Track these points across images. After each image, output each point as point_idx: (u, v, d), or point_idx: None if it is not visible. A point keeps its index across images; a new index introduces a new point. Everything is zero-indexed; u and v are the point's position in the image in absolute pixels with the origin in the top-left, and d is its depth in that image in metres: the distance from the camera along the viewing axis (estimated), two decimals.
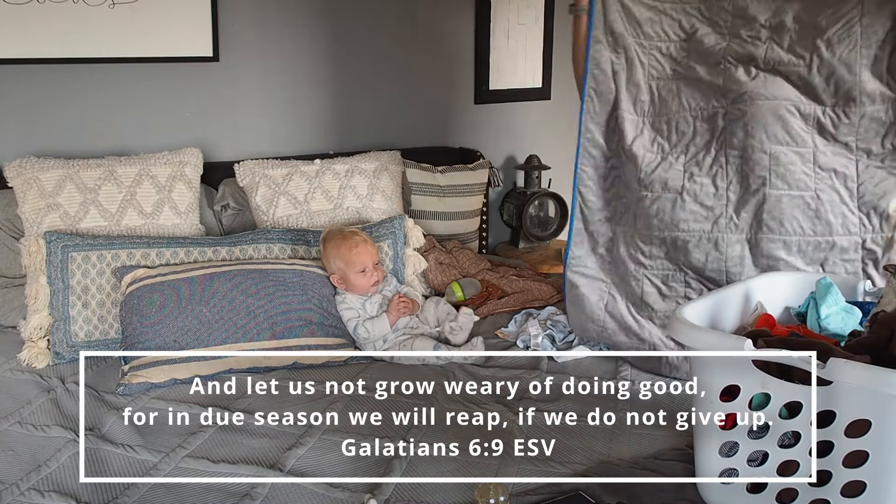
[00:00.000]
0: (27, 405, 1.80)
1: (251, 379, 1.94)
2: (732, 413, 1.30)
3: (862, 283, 1.56)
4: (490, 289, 2.47)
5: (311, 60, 2.94)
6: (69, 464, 1.56)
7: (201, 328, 1.97)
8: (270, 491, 1.45)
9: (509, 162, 3.47)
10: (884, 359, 1.20)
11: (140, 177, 2.39)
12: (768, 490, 1.28)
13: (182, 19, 2.65)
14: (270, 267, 2.15)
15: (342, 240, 2.16)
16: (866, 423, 1.14)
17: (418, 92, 3.19)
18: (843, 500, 1.19)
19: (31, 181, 2.28)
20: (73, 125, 2.59)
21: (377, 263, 2.20)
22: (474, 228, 3.03)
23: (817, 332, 1.45)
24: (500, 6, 3.28)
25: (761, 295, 1.54)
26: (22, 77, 2.49)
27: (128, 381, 1.88)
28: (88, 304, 2.09)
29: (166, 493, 1.46)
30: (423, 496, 1.44)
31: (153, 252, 2.18)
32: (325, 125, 3.01)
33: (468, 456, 1.56)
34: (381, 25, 3.05)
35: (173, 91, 2.72)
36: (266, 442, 1.64)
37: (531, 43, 3.40)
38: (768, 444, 1.27)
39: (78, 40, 2.52)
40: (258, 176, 2.57)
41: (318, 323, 2.07)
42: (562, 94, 3.52)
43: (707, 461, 1.36)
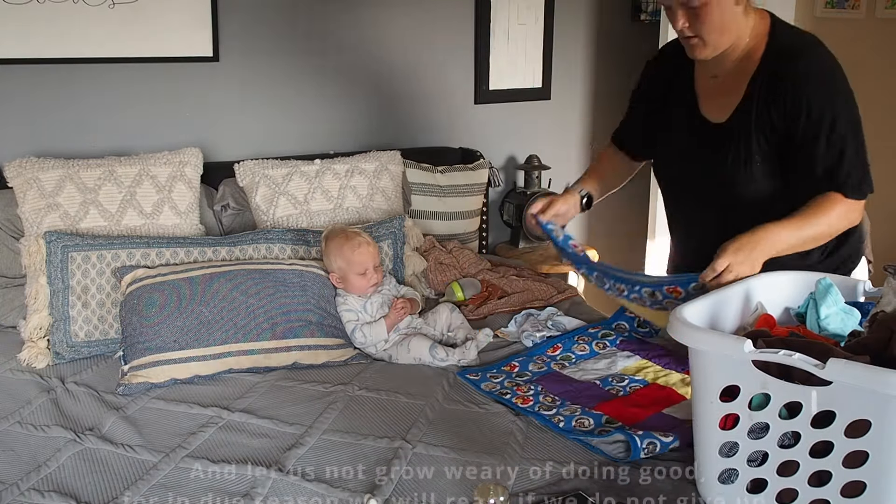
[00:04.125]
0: (27, 405, 1.80)
1: (251, 379, 1.95)
2: (733, 413, 1.30)
3: (861, 284, 1.56)
4: (490, 289, 2.47)
5: (310, 60, 2.93)
6: (69, 464, 1.56)
7: (201, 328, 1.97)
8: (270, 491, 1.45)
9: (509, 162, 3.47)
10: (883, 359, 1.20)
11: (140, 177, 2.39)
12: (768, 490, 1.28)
13: (182, 19, 2.65)
14: (270, 267, 2.15)
15: (345, 240, 2.16)
16: (866, 423, 1.14)
17: (418, 92, 3.19)
18: (842, 500, 1.19)
19: (31, 181, 2.28)
20: (73, 125, 2.59)
21: (377, 266, 2.20)
22: (474, 228, 3.03)
23: (817, 333, 1.45)
24: (500, 6, 3.28)
25: (761, 295, 1.54)
26: (22, 77, 2.49)
27: (128, 381, 1.88)
28: (88, 304, 2.09)
29: (166, 493, 1.46)
30: (424, 496, 1.44)
31: (153, 252, 2.18)
32: (325, 125, 3.01)
33: (468, 456, 1.56)
34: (380, 25, 3.05)
35: (173, 91, 2.72)
36: (266, 442, 1.64)
37: (531, 43, 3.40)
38: (768, 445, 1.27)
39: (78, 40, 2.52)
40: (258, 176, 2.57)
41: (318, 323, 2.07)
42: (562, 94, 3.52)
43: (707, 461, 1.36)
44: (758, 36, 1.74)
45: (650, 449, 1.51)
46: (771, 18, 1.76)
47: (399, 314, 2.10)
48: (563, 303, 2.40)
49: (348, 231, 2.21)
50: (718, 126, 1.80)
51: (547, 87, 3.48)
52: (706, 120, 1.83)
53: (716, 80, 1.82)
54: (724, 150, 1.78)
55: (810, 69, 1.68)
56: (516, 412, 1.74)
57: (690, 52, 1.75)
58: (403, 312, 2.11)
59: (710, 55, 1.73)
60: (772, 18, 1.76)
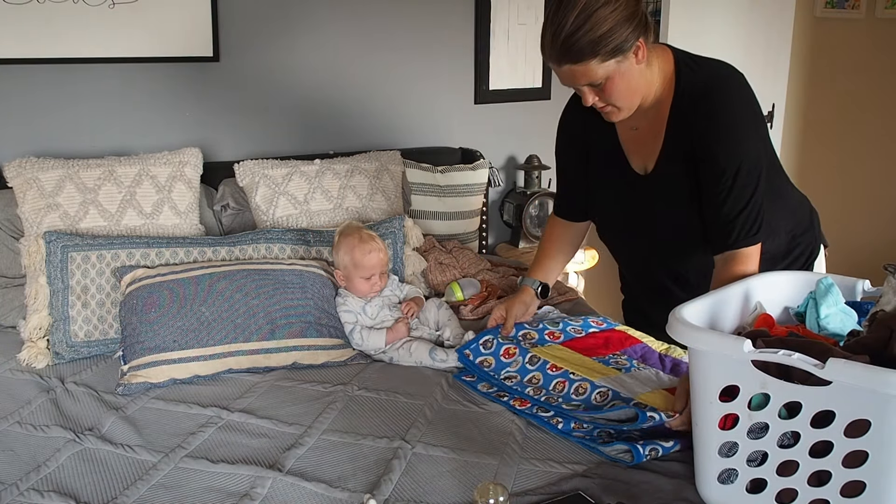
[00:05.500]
0: (27, 405, 1.80)
1: (251, 379, 1.95)
2: (732, 413, 1.30)
3: (861, 283, 1.56)
4: (490, 289, 2.47)
5: (310, 60, 2.94)
6: (68, 464, 1.56)
7: (201, 328, 1.97)
8: (270, 491, 1.45)
9: (509, 162, 3.47)
10: (883, 358, 1.20)
11: (140, 177, 2.39)
12: (768, 490, 1.28)
13: (182, 19, 2.66)
14: (270, 267, 2.15)
15: (358, 241, 2.15)
16: (866, 423, 1.14)
17: (418, 92, 3.20)
18: (842, 500, 1.19)
19: (31, 181, 2.28)
20: (73, 125, 2.59)
21: (384, 273, 2.19)
22: (474, 228, 3.03)
23: (816, 332, 1.45)
24: (500, 6, 3.28)
25: (761, 295, 1.54)
26: (22, 77, 2.50)
27: (127, 381, 1.88)
28: (88, 304, 2.09)
29: (166, 493, 1.46)
30: (423, 496, 1.44)
31: (153, 252, 2.18)
32: (325, 125, 3.01)
33: (468, 456, 1.56)
34: (380, 25, 3.05)
35: (173, 91, 2.73)
36: (266, 442, 1.64)
37: (531, 43, 3.40)
38: (768, 445, 1.27)
39: (78, 40, 2.52)
40: (258, 176, 2.57)
41: (318, 323, 2.07)
42: (562, 94, 3.49)
43: (707, 461, 1.36)
44: (665, 78, 1.71)
45: (653, 455, 1.51)
46: (673, 55, 1.73)
47: (404, 331, 2.10)
48: (564, 304, 2.40)
49: (363, 233, 2.19)
50: (648, 176, 1.81)
51: (547, 87, 3.48)
52: (636, 172, 1.83)
53: (636, 131, 1.81)
54: (658, 198, 1.80)
55: (715, 114, 1.66)
56: (515, 412, 1.74)
57: (607, 118, 1.73)
58: (407, 330, 2.11)
59: (626, 115, 1.71)
60: (674, 54, 1.73)
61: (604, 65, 1.58)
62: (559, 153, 2.02)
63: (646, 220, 1.84)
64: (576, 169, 1.97)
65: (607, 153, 1.87)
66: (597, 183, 1.94)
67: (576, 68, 1.60)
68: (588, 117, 1.84)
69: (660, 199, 1.79)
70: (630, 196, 1.85)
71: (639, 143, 1.81)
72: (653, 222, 1.84)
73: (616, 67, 1.60)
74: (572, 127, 1.95)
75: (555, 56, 1.62)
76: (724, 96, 1.67)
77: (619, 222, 1.94)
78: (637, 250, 1.96)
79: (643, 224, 1.86)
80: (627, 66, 1.61)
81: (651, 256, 1.92)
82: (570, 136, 1.97)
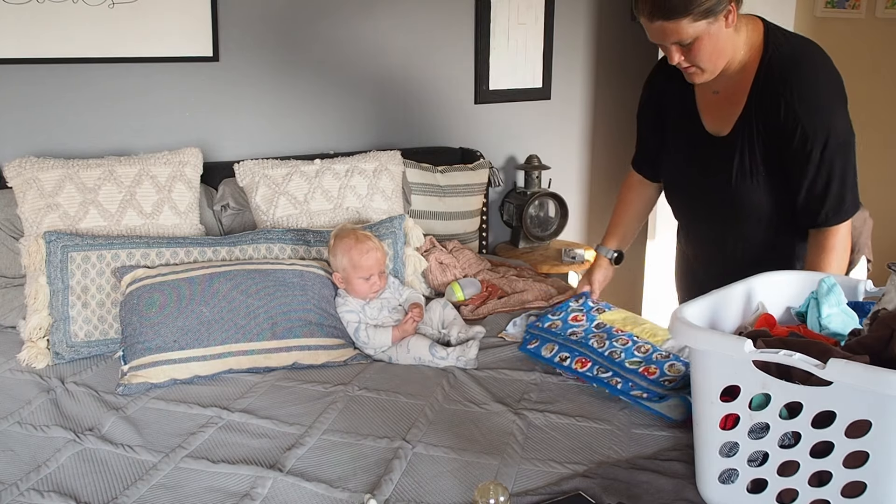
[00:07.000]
0: (27, 405, 1.80)
1: (251, 379, 1.94)
2: (733, 413, 1.30)
3: (862, 283, 1.56)
4: (490, 289, 2.47)
5: (310, 60, 2.94)
6: (69, 464, 1.56)
7: (201, 328, 1.97)
8: (270, 491, 1.45)
9: (509, 162, 3.47)
10: (883, 358, 1.20)
11: (140, 177, 2.39)
12: (769, 490, 1.28)
13: (182, 19, 2.65)
14: (270, 267, 2.14)
15: (355, 241, 2.15)
16: (866, 423, 1.14)
17: (418, 92, 3.19)
18: (843, 500, 1.19)
19: (31, 181, 2.28)
20: (73, 125, 2.59)
21: (383, 272, 2.19)
22: (474, 228, 3.03)
23: (818, 332, 1.45)
24: (500, 6, 3.28)
25: (762, 295, 1.54)
26: (22, 77, 2.49)
27: (127, 382, 1.88)
28: (88, 304, 2.09)
29: (166, 493, 1.46)
30: (423, 496, 1.44)
31: (153, 252, 2.18)
32: (325, 125, 3.01)
33: (468, 456, 1.56)
34: (381, 25, 3.05)
35: (173, 91, 2.72)
36: (266, 442, 1.64)
37: (531, 43, 3.40)
38: (769, 445, 1.27)
39: (78, 40, 2.52)
40: (258, 176, 2.57)
41: (318, 323, 2.07)
42: (562, 94, 3.52)
43: (707, 461, 1.36)
44: (753, 47, 1.74)
45: None
46: (764, 25, 1.76)
47: (411, 329, 2.10)
48: None
49: (359, 233, 2.19)
50: (722, 139, 1.82)
51: (547, 87, 3.48)
52: (710, 134, 1.85)
53: (717, 95, 1.83)
54: (730, 162, 1.81)
55: (803, 86, 1.68)
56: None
57: (689, 79, 1.77)
58: (414, 328, 2.11)
59: (709, 79, 1.75)
60: (764, 25, 1.76)
61: (694, 24, 1.62)
62: (640, 109, 2.09)
63: (718, 186, 1.86)
64: (653, 126, 2.03)
65: (683, 112, 1.91)
66: (672, 152, 1.98)
67: (667, 25, 1.63)
68: (670, 77, 1.88)
69: (734, 164, 1.80)
70: (704, 161, 1.88)
71: (717, 107, 1.83)
72: (725, 188, 1.85)
73: (706, 28, 1.63)
74: (652, 87, 2.01)
75: (647, 10, 1.65)
76: (814, 69, 1.70)
77: (691, 188, 1.97)
78: (706, 221, 1.99)
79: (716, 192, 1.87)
80: (717, 28, 1.64)
81: (718, 224, 1.94)
82: (649, 94, 2.03)
